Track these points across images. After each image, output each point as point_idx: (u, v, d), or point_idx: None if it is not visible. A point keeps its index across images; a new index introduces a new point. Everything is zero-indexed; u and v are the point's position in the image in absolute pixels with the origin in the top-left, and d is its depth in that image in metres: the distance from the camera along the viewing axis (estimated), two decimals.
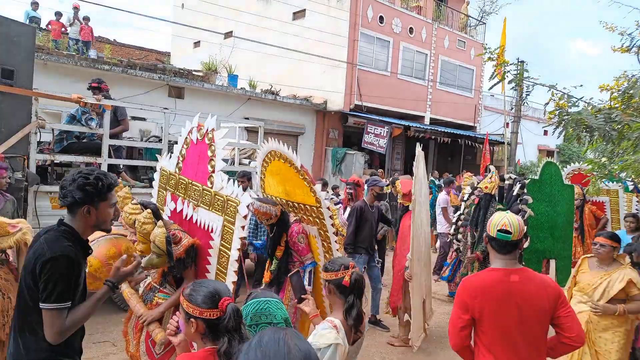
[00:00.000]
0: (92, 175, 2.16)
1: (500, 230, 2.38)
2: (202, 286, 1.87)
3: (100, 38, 17.78)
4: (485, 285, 2.33)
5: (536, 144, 23.77)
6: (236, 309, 1.80)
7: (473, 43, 19.89)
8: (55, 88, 8.27)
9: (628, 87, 4.39)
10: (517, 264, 2.41)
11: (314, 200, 3.83)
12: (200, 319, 1.79)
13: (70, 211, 2.19)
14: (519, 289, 2.29)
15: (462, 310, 2.36)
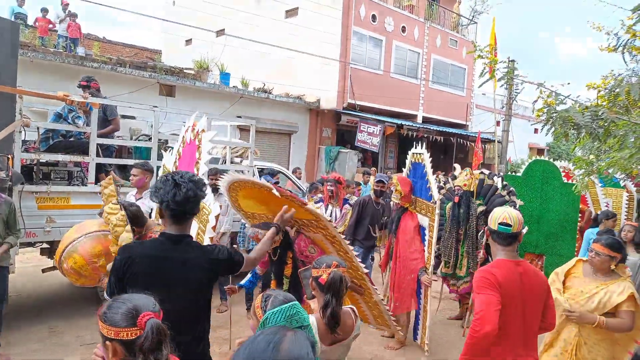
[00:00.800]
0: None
1: (501, 223, 2.58)
2: (119, 302, 1.58)
3: (89, 35, 17.63)
4: (505, 275, 2.48)
5: (527, 142, 23.91)
6: (157, 326, 1.52)
7: (465, 42, 19.94)
8: (42, 86, 8.18)
9: (614, 86, 4.41)
10: (518, 256, 2.63)
11: (310, 215, 3.64)
12: (116, 341, 1.51)
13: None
14: (524, 279, 2.50)
15: (495, 291, 2.42)
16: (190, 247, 2.32)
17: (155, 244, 2.31)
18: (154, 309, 1.59)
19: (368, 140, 15.85)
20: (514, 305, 2.46)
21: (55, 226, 5.05)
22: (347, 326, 2.40)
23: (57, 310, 5.78)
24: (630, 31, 4.12)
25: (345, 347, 2.42)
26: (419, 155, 5.14)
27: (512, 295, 2.45)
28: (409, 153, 5.44)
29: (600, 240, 3.29)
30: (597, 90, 4.55)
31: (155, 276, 2.20)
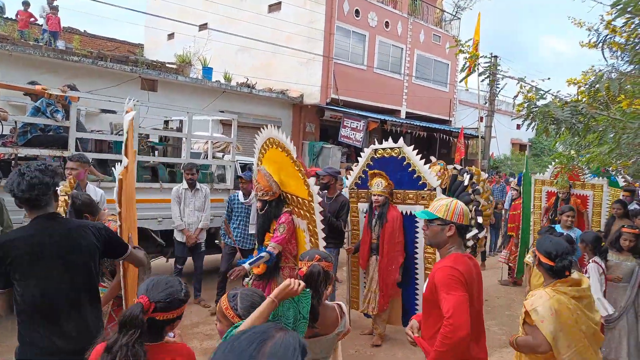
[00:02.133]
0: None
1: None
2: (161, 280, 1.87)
3: (70, 29, 17.28)
4: (467, 270, 2.45)
5: (509, 138, 24.19)
6: (132, 315, 1.70)
7: (448, 38, 20.06)
8: (21, 79, 8.00)
9: (594, 82, 4.47)
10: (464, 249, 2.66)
11: (307, 193, 3.81)
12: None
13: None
14: (477, 273, 2.55)
15: (464, 290, 2.35)
16: (67, 220, 2.51)
17: (31, 225, 2.37)
18: (157, 299, 1.76)
19: (351, 135, 15.86)
20: (473, 300, 2.42)
21: None
22: (330, 321, 2.36)
23: None
24: (610, 27, 4.17)
25: (327, 343, 2.37)
26: (390, 150, 5.06)
27: (471, 288, 2.43)
28: (368, 150, 5.32)
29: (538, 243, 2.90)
30: (578, 85, 4.60)
31: (40, 252, 2.29)
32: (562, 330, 2.50)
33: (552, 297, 2.58)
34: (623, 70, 4.97)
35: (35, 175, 2.27)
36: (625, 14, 3.79)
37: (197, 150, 7.68)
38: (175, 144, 7.22)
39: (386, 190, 4.96)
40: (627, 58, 4.73)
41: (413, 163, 4.80)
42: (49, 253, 2.31)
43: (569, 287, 2.65)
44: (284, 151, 4.01)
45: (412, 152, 4.85)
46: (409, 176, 4.89)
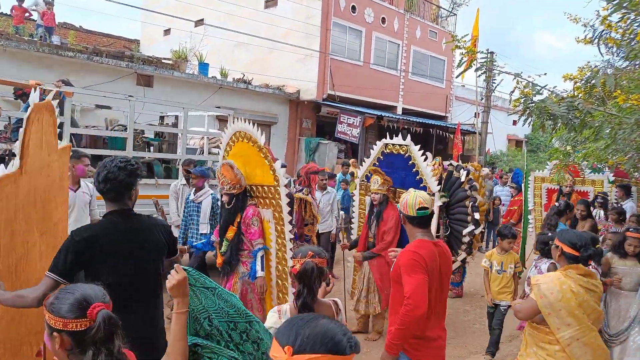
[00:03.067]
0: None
1: (420, 208, 2.72)
2: (67, 293, 1.56)
3: (65, 24, 17.16)
4: (429, 254, 2.65)
5: (505, 134, 24.25)
6: (109, 317, 1.52)
7: (444, 34, 20.04)
8: (16, 75, 7.96)
9: (590, 77, 4.47)
10: (433, 236, 2.85)
11: (272, 179, 3.83)
12: (65, 332, 1.50)
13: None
14: (441, 258, 2.71)
15: (424, 272, 2.57)
16: (139, 217, 2.58)
17: (104, 224, 2.49)
18: (103, 299, 1.58)
19: (348, 131, 15.85)
20: (434, 283, 2.64)
21: None
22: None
23: None
24: (606, 22, 4.17)
25: None
26: (399, 147, 5.05)
27: (433, 274, 2.63)
28: (380, 143, 5.31)
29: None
30: (574, 81, 4.60)
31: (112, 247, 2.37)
32: (563, 309, 2.63)
33: (558, 279, 2.71)
34: (619, 66, 4.98)
35: (112, 171, 2.39)
36: (621, 9, 3.79)
37: (192, 146, 7.66)
38: (171, 139, 7.19)
39: (383, 187, 4.86)
40: (623, 54, 4.74)
41: (417, 164, 4.79)
42: (120, 248, 2.40)
43: (579, 275, 2.74)
44: (251, 142, 3.99)
45: (418, 152, 4.83)
46: (412, 176, 4.88)
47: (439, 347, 2.73)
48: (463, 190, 5.54)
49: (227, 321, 1.85)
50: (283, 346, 1.12)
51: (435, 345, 2.69)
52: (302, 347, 1.10)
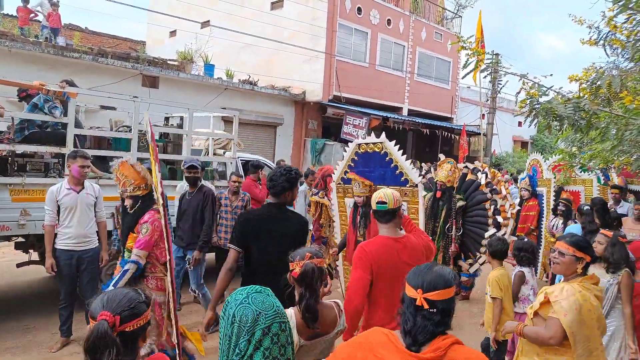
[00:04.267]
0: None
1: (378, 202, 2.85)
2: (105, 294, 1.68)
3: (70, 25, 17.26)
4: (381, 250, 2.76)
5: (511, 135, 24.12)
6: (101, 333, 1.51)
7: (450, 35, 19.97)
8: (21, 76, 8.00)
9: (596, 78, 4.42)
10: (399, 232, 2.92)
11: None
12: None
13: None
14: (402, 254, 2.77)
15: (366, 272, 2.72)
16: (287, 210, 3.30)
17: (261, 211, 3.33)
18: (119, 311, 1.57)
19: (354, 132, 15.81)
20: (389, 279, 2.72)
21: (30, 219, 4.91)
22: (329, 320, 2.33)
23: (31, 307, 5.66)
24: (611, 23, 4.12)
25: (328, 343, 2.33)
26: (374, 145, 4.87)
27: (386, 270, 2.72)
28: (352, 145, 5.13)
29: (565, 238, 2.79)
30: (579, 82, 4.56)
31: (264, 230, 3.13)
32: (583, 325, 2.49)
33: (578, 292, 2.55)
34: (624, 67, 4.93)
35: (276, 175, 3.22)
36: (627, 10, 3.75)
37: (198, 147, 7.66)
38: (176, 140, 7.19)
39: (366, 190, 4.74)
40: (628, 55, 4.68)
41: (395, 159, 4.65)
42: (269, 230, 3.13)
43: (593, 284, 2.65)
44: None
45: (394, 147, 4.68)
46: (391, 172, 4.73)
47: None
48: (482, 193, 5.51)
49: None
50: (416, 289, 1.59)
51: None
52: (429, 287, 1.58)
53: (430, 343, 1.54)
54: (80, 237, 4.58)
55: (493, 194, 5.52)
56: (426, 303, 1.56)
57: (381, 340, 1.62)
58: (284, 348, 1.53)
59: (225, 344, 1.51)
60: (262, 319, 1.50)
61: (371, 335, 1.68)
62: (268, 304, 1.55)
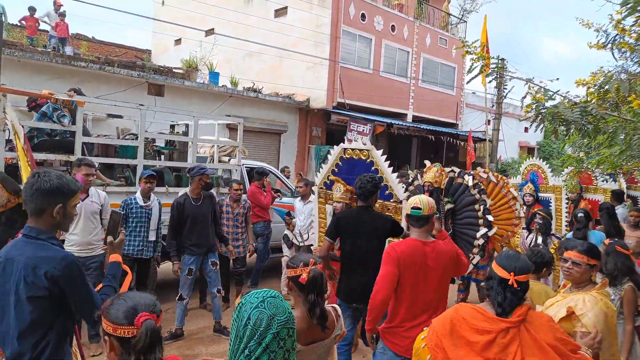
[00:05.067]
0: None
1: (414, 207, 3.04)
2: (122, 300, 1.65)
3: (78, 35, 17.42)
4: (409, 250, 2.98)
5: (517, 141, 24.03)
6: (152, 328, 1.58)
7: (454, 41, 19.99)
8: (29, 85, 8.08)
9: (604, 82, 4.41)
10: (429, 237, 3.08)
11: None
12: (113, 337, 1.59)
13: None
14: (429, 258, 2.96)
15: (395, 268, 2.95)
16: (374, 211, 4.01)
17: (352, 212, 4.07)
18: (152, 310, 1.63)
19: (358, 139, 15.78)
20: (414, 278, 2.94)
21: None
22: (328, 324, 2.31)
23: None
24: (619, 26, 4.11)
25: (325, 347, 2.31)
26: (359, 152, 4.54)
27: (412, 270, 2.93)
28: (337, 148, 4.82)
29: (576, 247, 2.74)
30: (587, 87, 4.54)
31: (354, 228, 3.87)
32: (609, 332, 2.50)
33: (600, 300, 2.55)
34: (632, 71, 4.91)
35: (363, 182, 3.89)
36: (635, 12, 3.74)
37: (203, 154, 7.68)
38: (182, 148, 7.21)
39: (346, 196, 4.45)
40: (637, 59, 4.67)
41: (381, 170, 4.33)
42: (357, 227, 3.84)
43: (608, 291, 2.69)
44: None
45: (381, 157, 4.40)
46: None
47: (410, 337, 2.82)
48: (470, 195, 5.48)
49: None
50: (509, 272, 2.02)
51: (407, 335, 2.94)
52: (520, 272, 2.02)
53: (514, 311, 1.99)
54: (84, 244, 4.60)
55: (481, 194, 5.49)
56: (516, 283, 1.99)
57: (471, 312, 2.04)
58: (288, 353, 1.57)
59: (236, 345, 1.54)
60: (275, 323, 1.54)
61: (460, 309, 2.08)
62: (281, 308, 1.58)
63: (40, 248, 2.10)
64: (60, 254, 2.12)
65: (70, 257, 2.14)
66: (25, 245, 2.11)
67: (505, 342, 1.94)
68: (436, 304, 3.01)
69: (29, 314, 2.04)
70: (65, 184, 2.19)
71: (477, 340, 1.96)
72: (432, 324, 2.13)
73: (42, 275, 2.03)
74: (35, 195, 2.13)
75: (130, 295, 1.67)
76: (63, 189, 2.18)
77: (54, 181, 2.15)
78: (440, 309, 2.94)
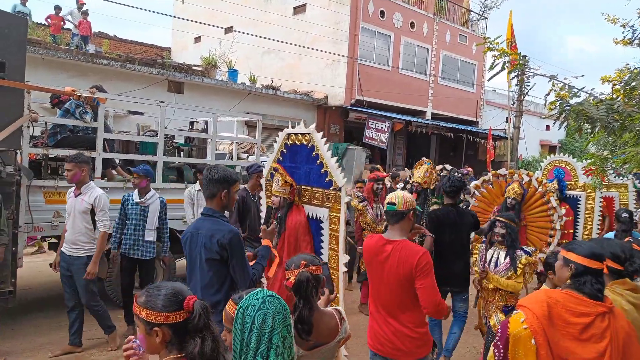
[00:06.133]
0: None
1: (388, 203, 2.92)
2: (159, 290, 1.65)
3: (100, 33, 17.69)
4: (370, 246, 2.95)
5: (538, 139, 23.64)
6: (204, 306, 1.65)
7: (475, 37, 19.74)
8: (52, 83, 8.23)
9: (630, 79, 4.29)
10: (399, 236, 2.88)
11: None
12: (165, 326, 1.60)
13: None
14: (389, 257, 2.83)
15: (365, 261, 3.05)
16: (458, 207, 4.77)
17: (444, 210, 4.77)
18: (190, 293, 1.70)
19: (376, 136, 15.74)
20: (374, 274, 2.93)
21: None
22: (329, 329, 2.21)
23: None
24: None
25: (329, 352, 2.22)
26: (302, 136, 3.97)
27: (372, 265, 2.94)
28: (282, 134, 4.27)
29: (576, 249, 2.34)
30: (612, 83, 4.43)
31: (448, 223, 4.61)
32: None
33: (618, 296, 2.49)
34: None
35: (454, 181, 4.66)
36: None
37: (222, 151, 7.73)
38: (201, 144, 7.27)
39: (284, 190, 3.93)
40: None
41: (321, 155, 3.78)
42: (450, 223, 4.57)
43: (627, 290, 2.53)
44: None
45: (321, 140, 3.80)
46: (317, 170, 3.81)
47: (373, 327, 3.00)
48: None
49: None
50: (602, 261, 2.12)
51: (376, 323, 2.98)
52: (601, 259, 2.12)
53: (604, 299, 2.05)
54: (70, 242, 4.44)
55: (465, 194, 5.20)
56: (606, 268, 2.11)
57: (563, 296, 2.05)
58: (290, 350, 1.59)
59: (243, 355, 1.51)
60: (277, 323, 1.55)
61: (551, 293, 2.10)
62: (279, 306, 1.59)
63: (214, 223, 2.79)
64: (229, 227, 2.79)
65: (235, 231, 2.80)
66: (204, 221, 2.83)
67: (603, 326, 1.97)
68: (397, 304, 2.85)
69: (207, 272, 2.74)
70: (228, 175, 2.85)
71: (576, 322, 1.98)
72: (526, 307, 2.06)
73: (215, 242, 2.69)
74: (209, 183, 2.83)
75: (164, 285, 1.69)
76: (227, 179, 2.83)
77: (220, 173, 2.84)
78: (405, 305, 2.84)
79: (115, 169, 5.90)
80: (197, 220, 2.97)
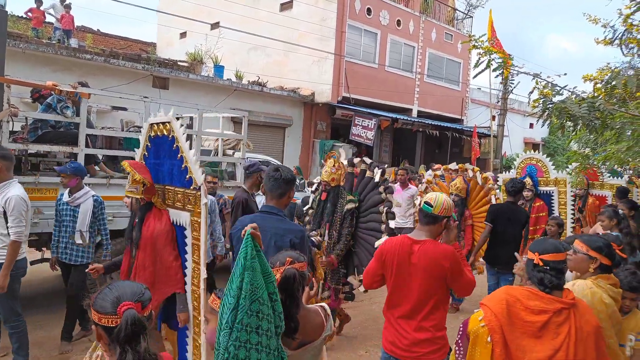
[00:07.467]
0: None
1: (425, 202, 2.81)
2: (110, 289, 1.64)
3: (83, 27, 17.42)
4: (391, 248, 2.85)
5: (522, 137, 23.94)
6: (134, 318, 1.55)
7: (460, 36, 19.88)
8: (34, 77, 8.07)
9: (611, 78, 4.36)
10: (425, 237, 2.79)
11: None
12: (99, 326, 1.59)
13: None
14: (414, 257, 2.75)
15: (378, 263, 2.91)
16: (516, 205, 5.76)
17: (504, 205, 5.73)
18: (138, 299, 1.62)
19: (362, 134, 15.78)
20: (393, 272, 2.82)
21: (44, 217, 4.94)
22: (315, 327, 2.17)
23: (43, 305, 5.70)
24: (628, 22, 4.06)
25: (316, 350, 2.18)
26: (163, 126, 3.21)
27: (394, 267, 2.81)
28: (146, 125, 3.48)
29: (582, 237, 2.87)
30: (594, 82, 4.49)
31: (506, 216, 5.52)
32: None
33: (589, 288, 2.57)
34: None
35: (516, 183, 5.70)
36: None
37: (207, 147, 7.68)
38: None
39: (136, 188, 3.20)
40: None
41: (181, 147, 3.07)
42: (505, 217, 5.44)
43: (609, 284, 2.61)
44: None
45: (180, 129, 3.09)
46: (178, 166, 3.11)
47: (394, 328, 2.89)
48: (378, 193, 4.65)
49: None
50: (533, 252, 2.17)
51: (392, 326, 2.89)
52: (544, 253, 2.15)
53: (562, 293, 2.09)
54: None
55: (387, 192, 4.61)
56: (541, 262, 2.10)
57: (523, 292, 2.09)
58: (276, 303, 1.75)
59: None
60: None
61: (510, 290, 2.14)
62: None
63: (281, 221, 2.87)
64: (299, 227, 2.98)
65: (304, 231, 2.96)
66: (266, 219, 2.81)
67: (559, 321, 2.01)
68: (420, 306, 2.81)
69: None
70: (294, 176, 3.01)
71: (534, 320, 2.01)
72: (486, 306, 2.11)
73: (288, 241, 2.75)
74: (281, 183, 2.91)
75: (118, 285, 1.67)
76: (294, 179, 3.01)
77: (289, 173, 2.97)
78: (428, 307, 2.79)
79: (98, 165, 5.82)
80: (254, 216, 2.95)
